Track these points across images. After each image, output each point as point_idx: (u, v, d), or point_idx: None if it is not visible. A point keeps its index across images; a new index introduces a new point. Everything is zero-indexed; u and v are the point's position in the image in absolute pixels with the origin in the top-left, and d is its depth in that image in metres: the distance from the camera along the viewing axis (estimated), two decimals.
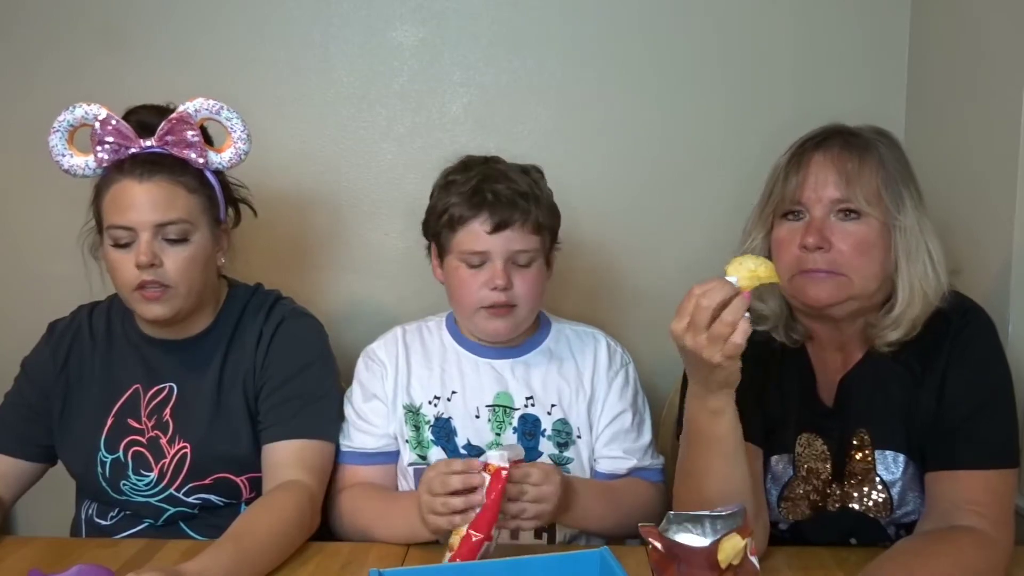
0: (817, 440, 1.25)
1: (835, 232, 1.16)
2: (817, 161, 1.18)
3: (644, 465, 1.41)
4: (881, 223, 1.16)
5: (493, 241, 1.33)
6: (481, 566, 1.10)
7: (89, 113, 1.29)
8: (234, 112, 1.33)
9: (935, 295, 1.16)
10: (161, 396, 1.38)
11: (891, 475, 1.22)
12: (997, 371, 1.19)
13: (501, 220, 1.32)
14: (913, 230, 1.16)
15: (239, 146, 1.34)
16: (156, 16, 1.78)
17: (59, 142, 1.31)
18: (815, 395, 1.27)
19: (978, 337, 1.19)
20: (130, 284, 1.28)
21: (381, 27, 1.79)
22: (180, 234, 1.29)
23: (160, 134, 1.29)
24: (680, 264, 1.80)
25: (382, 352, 1.45)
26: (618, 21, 1.77)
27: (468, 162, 1.40)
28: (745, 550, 0.87)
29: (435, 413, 1.39)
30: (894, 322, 1.17)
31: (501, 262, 1.33)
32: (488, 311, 1.35)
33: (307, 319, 1.44)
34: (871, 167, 1.16)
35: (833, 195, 1.16)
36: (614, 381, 1.43)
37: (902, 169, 1.18)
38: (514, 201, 1.33)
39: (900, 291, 1.17)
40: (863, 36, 1.75)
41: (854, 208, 1.15)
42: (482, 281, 1.34)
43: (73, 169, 1.32)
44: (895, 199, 1.16)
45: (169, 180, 1.28)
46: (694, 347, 1.02)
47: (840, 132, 1.21)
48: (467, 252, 1.34)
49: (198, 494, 1.35)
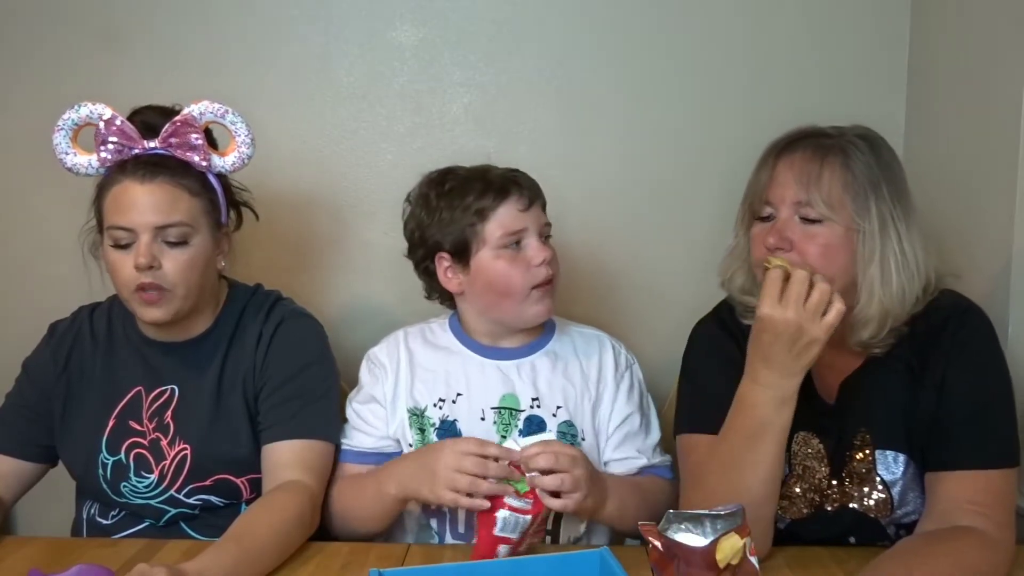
0: (814, 439, 1.25)
1: (798, 234, 1.17)
2: (783, 163, 1.19)
3: (655, 463, 1.41)
4: (844, 227, 1.16)
5: (527, 217, 1.36)
6: (481, 566, 1.10)
7: (94, 112, 1.29)
8: (239, 116, 1.33)
9: (900, 297, 1.16)
10: (163, 399, 1.37)
11: (892, 475, 1.22)
12: (996, 371, 1.19)
13: (531, 194, 1.37)
14: (875, 235, 1.15)
15: (243, 150, 1.34)
16: (156, 16, 1.78)
17: (63, 140, 1.31)
18: (815, 394, 1.27)
19: (976, 337, 1.19)
20: (129, 285, 1.28)
21: (381, 27, 1.79)
22: (180, 237, 1.29)
23: (164, 136, 1.29)
24: (680, 264, 1.80)
25: (383, 355, 1.45)
26: (618, 21, 1.77)
27: (440, 172, 1.42)
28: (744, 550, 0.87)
29: (440, 416, 1.39)
30: (860, 321, 1.18)
31: (538, 238, 1.37)
32: (539, 290, 1.37)
33: (307, 319, 1.44)
34: (833, 172, 1.16)
35: (794, 198, 1.17)
36: (621, 384, 1.43)
37: (873, 173, 1.17)
38: (525, 181, 1.38)
39: (860, 293, 1.17)
40: (863, 36, 1.75)
41: (815, 214, 1.16)
42: (527, 261, 1.36)
43: (76, 168, 1.31)
44: (859, 205, 1.15)
45: (171, 182, 1.28)
46: (797, 319, 1.08)
47: (811, 135, 1.21)
48: (508, 234, 1.35)
49: (198, 495, 1.35)
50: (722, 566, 0.86)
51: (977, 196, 1.50)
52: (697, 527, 0.87)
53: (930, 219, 1.24)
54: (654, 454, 1.42)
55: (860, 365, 1.24)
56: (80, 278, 1.38)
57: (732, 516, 0.88)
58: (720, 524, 0.87)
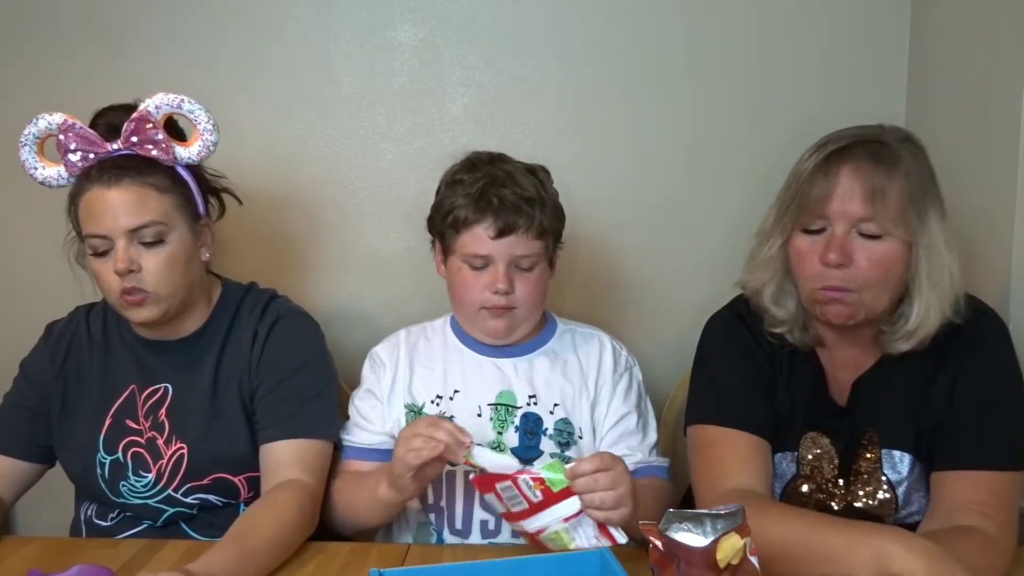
0: (823, 439, 1.25)
1: (857, 249, 1.15)
2: (846, 173, 1.14)
3: (650, 461, 1.40)
4: (903, 241, 1.14)
5: (496, 246, 1.33)
6: (481, 566, 1.10)
7: (52, 123, 1.27)
8: (195, 103, 1.30)
9: (952, 310, 1.16)
10: (156, 397, 1.37)
11: (897, 475, 1.22)
12: (1008, 374, 1.19)
13: (505, 226, 1.33)
14: (936, 248, 1.14)
15: (206, 137, 1.31)
16: (155, 16, 1.78)
17: (29, 155, 1.29)
18: (827, 395, 1.27)
19: (990, 340, 1.20)
20: (114, 291, 1.28)
21: (381, 27, 1.79)
22: (155, 236, 1.28)
23: (125, 135, 1.27)
24: (681, 264, 1.80)
25: (384, 353, 1.47)
26: (618, 21, 1.77)
27: (475, 161, 1.40)
28: (744, 550, 0.87)
29: (438, 412, 1.39)
30: (906, 335, 1.17)
31: (503, 266, 1.34)
32: (489, 311, 1.37)
33: (303, 318, 1.44)
34: (898, 184, 1.13)
35: (859, 213, 1.14)
36: (618, 384, 1.43)
37: (928, 181, 1.16)
38: (519, 207, 1.33)
39: (916, 308, 1.16)
40: (863, 36, 1.75)
41: (878, 229, 1.14)
42: (484, 283, 1.35)
43: (47, 180, 1.30)
44: (920, 217, 1.14)
45: (137, 183, 1.27)
46: None
47: (865, 141, 1.17)
48: (470, 255, 1.35)
49: (196, 494, 1.35)
50: (722, 566, 0.86)
51: (977, 197, 1.49)
52: (697, 527, 0.87)
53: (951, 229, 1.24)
54: (650, 454, 1.42)
55: (874, 364, 1.24)
56: (77, 279, 1.38)
57: (732, 516, 0.88)
58: (720, 524, 0.87)
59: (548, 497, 1.13)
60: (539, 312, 1.43)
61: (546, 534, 1.15)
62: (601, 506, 1.12)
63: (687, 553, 0.86)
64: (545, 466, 1.14)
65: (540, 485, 1.12)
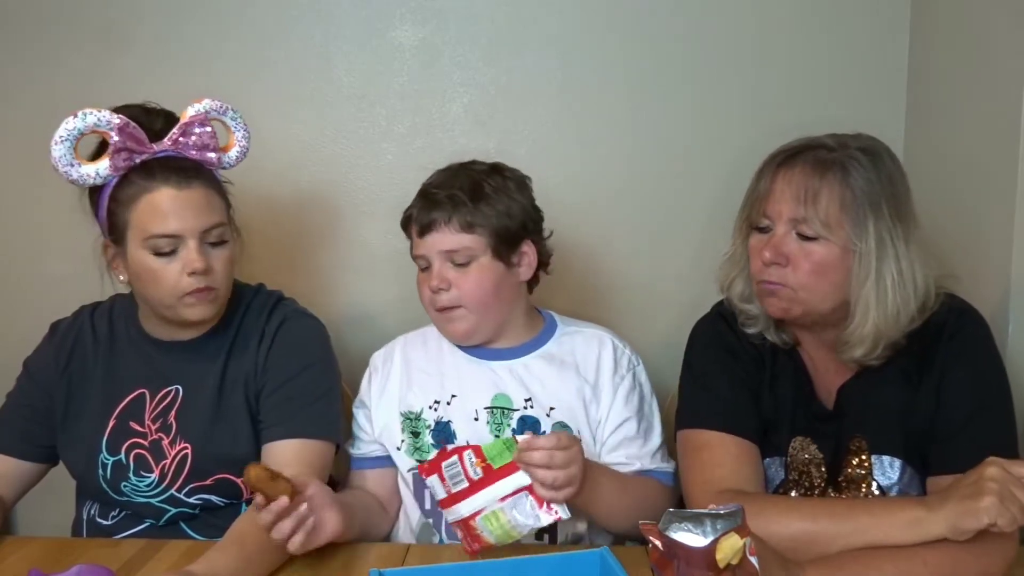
0: (811, 445, 1.25)
1: (794, 250, 1.17)
2: (782, 176, 1.19)
3: (651, 468, 1.39)
4: (841, 246, 1.15)
5: (424, 245, 1.37)
6: (481, 566, 1.10)
7: (103, 120, 1.21)
8: (237, 111, 1.35)
9: (895, 317, 1.16)
10: (168, 399, 1.38)
11: (888, 480, 1.23)
12: (994, 372, 1.19)
13: (428, 221, 1.36)
14: (871, 255, 1.14)
15: (242, 144, 1.36)
16: (154, 15, 1.78)
17: (67, 152, 1.22)
18: (814, 398, 1.27)
19: (973, 339, 1.20)
20: (178, 291, 1.28)
21: (381, 27, 1.79)
22: (220, 237, 1.31)
23: (174, 137, 1.28)
24: (680, 264, 1.80)
25: (378, 360, 1.49)
26: (618, 22, 1.77)
27: (443, 169, 1.43)
28: (744, 550, 0.87)
29: (435, 418, 1.40)
30: (853, 340, 1.18)
31: (437, 264, 1.36)
32: (440, 314, 1.39)
33: (309, 320, 1.45)
34: (831, 190, 1.15)
35: (791, 214, 1.17)
36: (620, 386, 1.41)
37: (874, 191, 1.15)
38: (439, 203, 1.35)
39: (857, 313, 1.17)
40: (863, 40, 1.75)
41: (810, 231, 1.16)
42: (429, 284, 1.37)
43: (83, 179, 1.24)
44: (856, 224, 1.15)
45: (204, 184, 1.29)
46: None
47: (812, 148, 1.19)
48: (414, 257, 1.40)
49: (199, 494, 1.35)
50: (722, 566, 0.86)
51: (977, 200, 1.50)
52: (697, 527, 0.87)
53: (930, 221, 1.24)
54: (654, 459, 1.40)
55: (857, 371, 1.24)
56: (80, 278, 1.38)
57: (732, 516, 0.88)
58: (720, 524, 0.87)
59: (488, 475, 1.17)
60: (499, 310, 1.40)
61: (482, 515, 1.18)
62: (553, 484, 1.15)
63: (687, 553, 0.86)
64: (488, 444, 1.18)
65: (482, 462, 1.17)
